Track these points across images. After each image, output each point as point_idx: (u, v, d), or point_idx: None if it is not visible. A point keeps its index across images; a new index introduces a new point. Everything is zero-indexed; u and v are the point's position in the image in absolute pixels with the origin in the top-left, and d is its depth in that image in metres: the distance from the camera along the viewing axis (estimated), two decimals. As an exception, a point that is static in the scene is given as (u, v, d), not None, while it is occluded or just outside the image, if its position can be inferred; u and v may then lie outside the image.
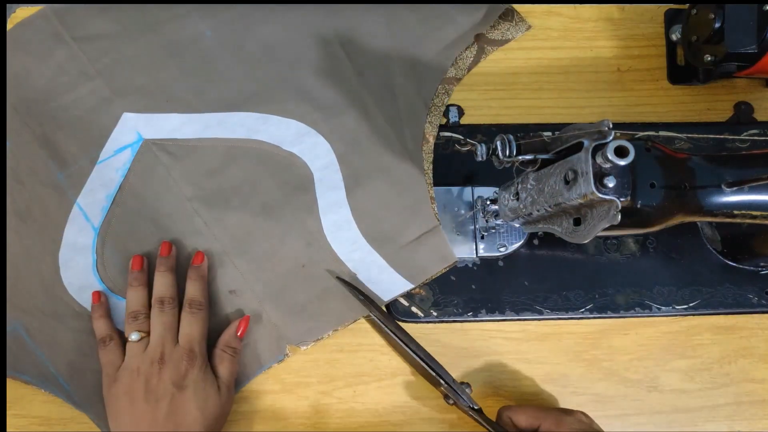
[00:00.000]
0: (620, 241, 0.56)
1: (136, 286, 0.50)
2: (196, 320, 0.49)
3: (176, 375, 0.47)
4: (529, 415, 0.48)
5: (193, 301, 0.50)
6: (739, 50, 0.50)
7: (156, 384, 0.46)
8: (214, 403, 0.48)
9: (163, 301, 0.49)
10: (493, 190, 0.55)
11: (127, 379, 0.47)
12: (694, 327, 0.55)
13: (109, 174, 0.53)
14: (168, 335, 0.48)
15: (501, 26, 0.59)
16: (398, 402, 0.53)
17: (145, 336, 0.48)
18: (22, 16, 0.57)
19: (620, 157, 0.36)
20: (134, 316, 0.49)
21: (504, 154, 0.42)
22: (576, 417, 0.47)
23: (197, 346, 0.48)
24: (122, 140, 0.54)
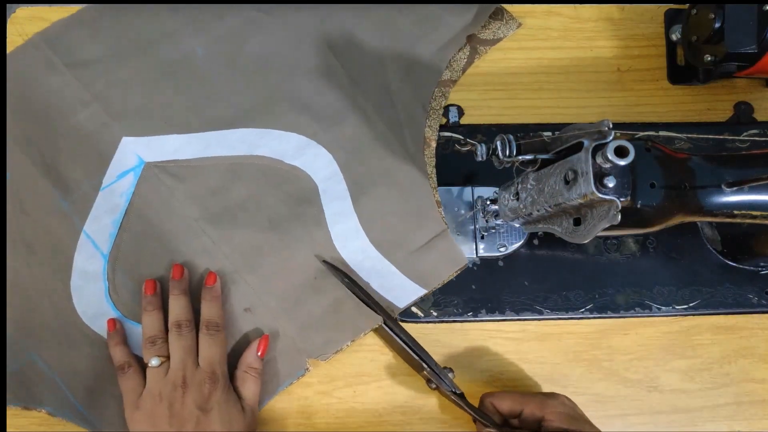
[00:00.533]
0: (620, 241, 0.56)
1: (150, 310, 0.50)
2: (214, 342, 0.49)
3: (200, 398, 0.46)
4: (512, 400, 0.48)
5: (210, 323, 0.49)
6: (739, 50, 0.50)
7: (180, 408, 0.46)
8: (239, 423, 0.47)
9: (180, 324, 0.49)
10: (493, 190, 0.55)
11: (149, 404, 0.46)
12: (694, 327, 0.55)
13: (114, 199, 0.53)
14: (188, 359, 0.48)
15: (492, 25, 0.59)
16: (398, 402, 0.53)
17: (165, 360, 0.48)
18: (22, 16, 0.57)
19: (620, 157, 0.36)
20: (152, 341, 0.48)
21: (504, 154, 0.42)
22: (559, 400, 0.47)
23: (218, 367, 0.48)
24: (124, 165, 0.53)
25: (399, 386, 0.53)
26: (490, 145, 0.43)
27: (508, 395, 0.49)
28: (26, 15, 0.58)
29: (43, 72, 0.54)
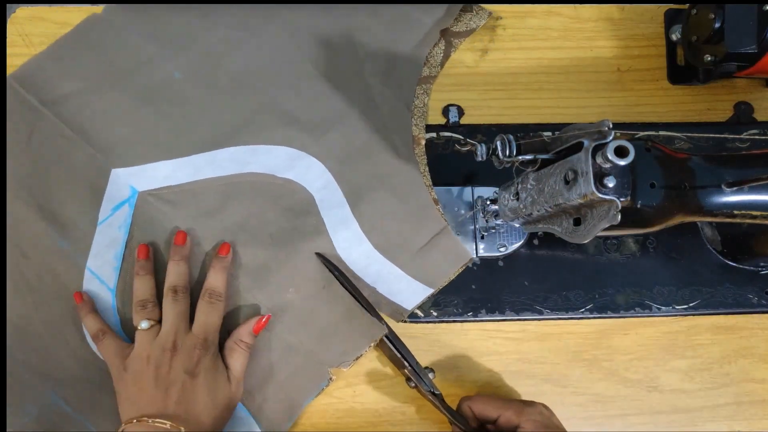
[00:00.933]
0: (620, 241, 0.56)
1: (142, 274, 0.50)
2: (213, 310, 0.49)
3: (188, 363, 0.46)
4: (490, 405, 0.48)
5: (213, 292, 0.49)
6: (739, 50, 0.50)
7: (167, 371, 0.46)
8: (225, 392, 0.47)
9: (176, 289, 0.49)
10: (493, 190, 0.55)
11: (137, 366, 0.47)
12: (694, 327, 0.55)
13: (113, 233, 0.52)
14: (181, 324, 0.48)
15: (464, 17, 0.59)
16: (398, 402, 0.53)
17: (155, 324, 0.48)
18: (22, 16, 0.57)
19: (620, 157, 0.36)
20: (143, 304, 0.49)
21: (504, 154, 0.42)
22: (537, 409, 0.47)
23: (211, 335, 0.48)
24: (118, 197, 0.53)
25: (399, 386, 0.53)
26: (490, 145, 0.44)
27: (486, 400, 0.49)
28: (26, 15, 0.58)
29: (20, 112, 0.53)
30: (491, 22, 0.60)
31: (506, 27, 0.60)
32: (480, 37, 0.59)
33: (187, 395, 0.45)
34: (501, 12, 0.60)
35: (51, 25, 0.58)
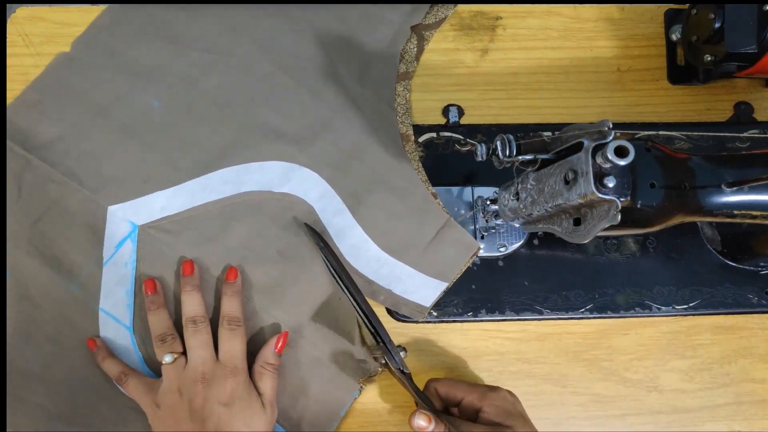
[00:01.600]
0: (620, 241, 0.56)
1: (154, 309, 0.49)
2: (235, 336, 0.48)
3: (221, 393, 0.46)
4: (455, 388, 0.49)
5: (231, 318, 0.49)
6: (739, 50, 0.50)
7: (201, 404, 0.45)
8: (260, 419, 0.47)
9: (195, 320, 0.48)
10: (493, 190, 0.55)
11: (169, 401, 0.46)
12: (694, 327, 0.55)
13: (120, 270, 0.52)
14: (207, 354, 0.47)
15: (432, 9, 0.59)
16: (398, 402, 0.53)
17: (179, 356, 0.47)
18: (22, 16, 0.57)
19: (620, 157, 0.36)
20: (162, 338, 0.48)
21: (504, 154, 0.42)
22: (500, 395, 0.48)
23: (239, 362, 0.47)
24: (119, 234, 0.52)
25: (399, 386, 0.53)
26: (490, 145, 0.43)
27: (453, 383, 0.49)
28: (26, 15, 0.58)
29: (8, 163, 0.53)
30: (491, 22, 0.60)
31: (506, 27, 0.60)
32: (480, 37, 0.59)
33: (223, 427, 0.45)
34: (501, 12, 0.60)
35: (51, 25, 0.58)
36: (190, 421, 0.45)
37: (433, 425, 0.45)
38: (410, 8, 0.58)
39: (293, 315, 0.52)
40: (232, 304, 0.49)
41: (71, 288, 0.52)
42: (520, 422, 0.46)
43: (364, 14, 0.58)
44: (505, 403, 0.47)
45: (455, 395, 0.48)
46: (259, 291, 0.52)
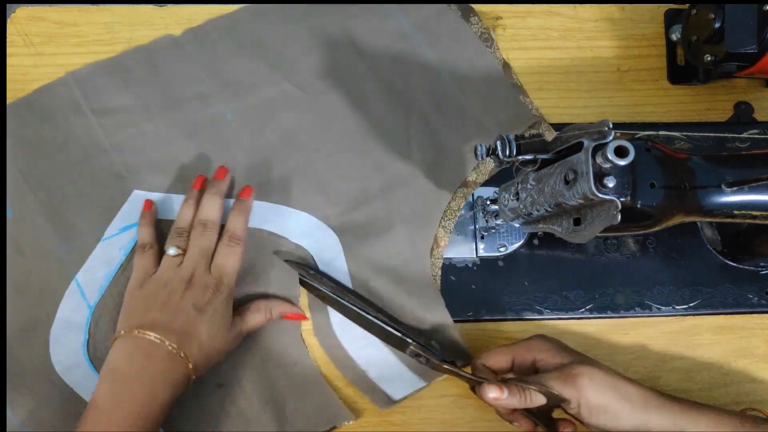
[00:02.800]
0: (620, 241, 0.56)
1: (191, 203, 0.51)
2: (232, 253, 0.49)
3: (199, 299, 0.47)
4: (500, 355, 0.48)
5: (233, 235, 0.50)
6: (739, 50, 0.50)
7: (177, 301, 0.47)
8: (223, 337, 0.48)
9: (206, 224, 0.49)
10: (493, 190, 0.55)
11: (152, 287, 0.48)
12: (694, 327, 0.55)
13: (112, 252, 0.52)
14: (201, 260, 0.49)
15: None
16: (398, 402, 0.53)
17: (182, 253, 0.49)
18: (22, 16, 0.57)
19: (620, 157, 0.36)
20: (179, 232, 0.50)
21: (504, 154, 0.42)
22: (540, 340, 0.48)
23: (227, 278, 0.49)
24: (129, 219, 0.53)
25: (399, 386, 0.53)
26: (490, 145, 0.43)
27: (494, 353, 0.49)
28: (26, 15, 0.58)
29: (67, 113, 0.54)
30: (491, 22, 0.60)
31: (506, 27, 0.60)
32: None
33: (188, 326, 0.46)
34: (501, 12, 0.60)
35: (51, 25, 0.58)
36: (159, 311, 0.46)
37: (506, 392, 0.44)
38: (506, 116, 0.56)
39: (252, 383, 0.51)
40: (238, 222, 0.51)
41: (60, 248, 0.52)
42: (573, 354, 0.47)
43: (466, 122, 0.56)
44: (552, 344, 0.48)
45: (502, 363, 0.48)
46: None
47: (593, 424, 0.44)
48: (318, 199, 0.54)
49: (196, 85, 0.56)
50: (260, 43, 0.57)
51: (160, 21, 0.58)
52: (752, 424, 0.45)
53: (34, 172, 0.53)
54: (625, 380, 0.45)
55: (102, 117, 0.54)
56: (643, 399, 0.44)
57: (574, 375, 0.44)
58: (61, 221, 0.52)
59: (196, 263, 0.48)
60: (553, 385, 0.44)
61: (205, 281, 0.48)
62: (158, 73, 0.56)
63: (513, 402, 0.44)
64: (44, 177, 0.53)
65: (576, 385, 0.44)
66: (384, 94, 0.57)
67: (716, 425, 0.44)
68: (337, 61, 0.57)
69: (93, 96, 0.55)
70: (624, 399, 0.44)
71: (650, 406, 0.44)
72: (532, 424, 0.48)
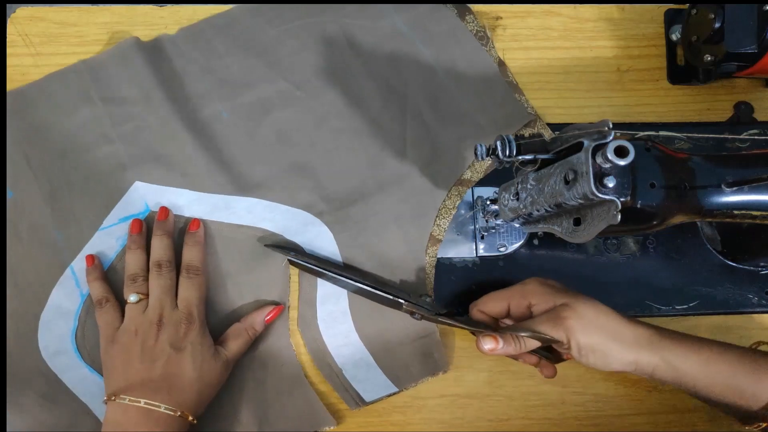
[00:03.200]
0: (620, 241, 0.56)
1: (134, 249, 0.51)
2: (193, 285, 0.50)
3: (174, 337, 0.47)
4: (495, 301, 0.49)
5: (190, 267, 0.50)
6: (739, 50, 0.50)
7: (153, 345, 0.47)
8: (211, 367, 0.48)
9: (160, 264, 0.49)
10: (493, 190, 0.55)
11: (125, 339, 0.47)
12: (694, 327, 0.55)
13: (109, 242, 0.53)
14: (166, 298, 0.48)
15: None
16: (399, 402, 0.53)
17: (144, 298, 0.49)
18: (22, 16, 0.57)
19: (620, 157, 0.36)
20: (133, 278, 0.49)
21: (504, 154, 0.42)
22: (534, 283, 0.49)
23: (195, 309, 0.49)
24: (129, 209, 0.53)
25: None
26: (490, 145, 0.43)
27: (490, 299, 0.50)
28: (26, 15, 0.58)
29: (76, 100, 0.54)
30: (491, 22, 0.60)
31: (506, 27, 0.60)
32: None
33: (172, 368, 0.46)
34: (501, 12, 0.60)
35: (51, 25, 0.58)
36: (140, 361, 0.46)
37: (501, 343, 0.45)
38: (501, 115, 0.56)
39: None
40: (193, 253, 0.51)
41: (57, 235, 0.52)
42: (567, 295, 0.47)
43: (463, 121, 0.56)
44: (545, 287, 0.48)
45: (500, 308, 0.49)
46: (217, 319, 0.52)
47: (584, 363, 0.45)
48: (313, 197, 0.54)
49: (194, 83, 0.56)
50: (256, 41, 0.57)
51: (160, 21, 0.58)
52: (752, 359, 0.45)
53: (39, 157, 0.53)
54: (619, 319, 0.45)
55: (110, 106, 0.55)
56: (634, 337, 0.45)
57: (562, 318, 0.45)
58: (60, 208, 0.53)
59: (162, 303, 0.48)
60: (544, 329, 0.45)
61: (176, 318, 0.48)
62: (157, 69, 0.56)
63: (509, 350, 0.46)
64: (48, 162, 0.53)
65: (565, 327, 0.44)
66: (380, 91, 0.57)
67: (707, 362, 0.45)
68: (333, 60, 0.57)
69: (103, 85, 0.55)
70: (613, 338, 0.44)
71: (641, 344, 0.45)
72: (535, 358, 0.50)
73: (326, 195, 0.55)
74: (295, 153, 0.55)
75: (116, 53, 0.56)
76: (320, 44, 0.57)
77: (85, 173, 0.53)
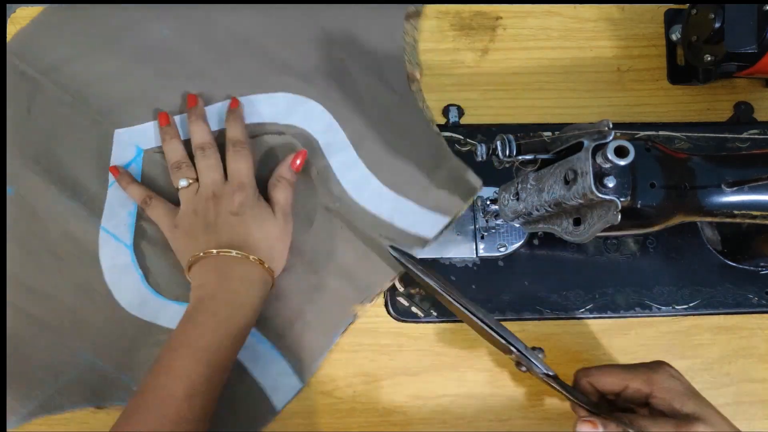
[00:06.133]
0: (620, 241, 0.56)
1: (169, 139, 0.52)
2: (241, 157, 0.51)
3: (230, 205, 0.49)
4: (612, 376, 0.45)
5: (236, 141, 0.51)
6: (739, 50, 0.50)
7: (214, 217, 0.48)
8: (272, 224, 0.50)
9: (203, 147, 0.51)
10: (493, 190, 0.55)
11: (186, 221, 0.49)
12: (694, 327, 0.55)
13: (123, 193, 0.53)
14: (216, 175, 0.50)
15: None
16: (398, 402, 0.53)
17: (193, 181, 0.50)
18: (22, 16, 0.57)
19: (620, 157, 0.36)
20: (177, 165, 0.51)
21: (504, 154, 0.42)
22: (667, 373, 0.45)
23: (246, 178, 0.50)
24: (124, 157, 0.54)
25: (400, 386, 0.53)
26: (490, 145, 0.44)
27: (607, 371, 0.46)
28: (26, 15, 0.58)
29: (18, 83, 0.54)
30: (491, 22, 0.60)
31: (506, 27, 0.60)
32: (480, 37, 0.59)
33: (237, 230, 0.48)
34: (501, 12, 0.60)
35: (51, 25, 0.57)
36: (205, 234, 0.48)
37: (601, 429, 0.42)
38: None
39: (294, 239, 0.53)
40: (236, 129, 0.52)
41: (75, 206, 0.53)
42: (697, 403, 0.43)
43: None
44: (676, 384, 0.44)
45: (613, 385, 0.45)
46: None
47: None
48: (286, 78, 0.55)
49: (122, 16, 0.56)
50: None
51: (160, 21, 0.58)
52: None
53: (18, 151, 0.53)
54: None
55: (51, 74, 0.54)
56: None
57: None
58: (63, 182, 0.53)
59: (213, 180, 0.50)
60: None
61: (229, 189, 0.49)
62: (83, 19, 0.55)
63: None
64: (28, 149, 0.53)
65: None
66: None
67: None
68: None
69: (33, 59, 0.55)
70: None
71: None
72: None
73: (299, 72, 0.55)
74: (253, 48, 0.56)
75: (35, 24, 0.55)
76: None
77: (67, 143, 0.54)
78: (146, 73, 0.55)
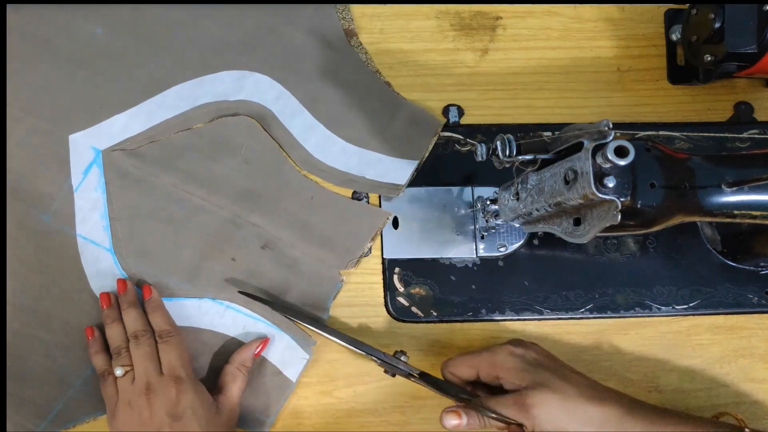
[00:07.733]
0: (620, 241, 0.56)
1: (110, 323, 0.50)
2: (170, 347, 0.49)
3: (168, 403, 0.46)
4: (466, 365, 0.48)
5: (162, 331, 0.50)
6: (739, 50, 0.50)
7: (149, 416, 0.46)
8: (216, 424, 0.47)
9: (136, 335, 0.49)
10: (493, 190, 0.55)
11: (122, 413, 0.47)
12: (694, 327, 0.55)
13: (91, 196, 0.53)
14: (150, 365, 0.48)
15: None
16: (398, 402, 0.53)
17: (130, 369, 0.48)
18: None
19: (620, 157, 0.36)
20: (117, 352, 0.49)
21: (504, 154, 0.42)
22: (505, 354, 0.47)
23: (181, 370, 0.48)
24: (83, 161, 0.54)
25: (399, 386, 0.53)
26: (490, 145, 0.44)
27: (460, 360, 0.48)
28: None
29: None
30: (491, 22, 0.60)
31: (506, 27, 0.60)
32: (480, 37, 0.60)
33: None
34: (501, 12, 0.60)
35: (51, 25, 0.58)
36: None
37: (465, 419, 0.45)
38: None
39: (267, 219, 0.54)
40: (158, 318, 0.51)
41: (45, 218, 0.53)
42: (535, 373, 0.45)
43: None
44: (515, 361, 0.46)
45: (466, 372, 0.48)
46: (230, 199, 0.54)
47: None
48: (226, 55, 0.56)
49: (51, 20, 0.55)
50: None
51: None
52: None
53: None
54: (587, 400, 0.44)
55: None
56: (602, 419, 0.44)
57: (528, 405, 0.44)
58: (29, 196, 0.53)
59: (146, 370, 0.48)
60: (510, 413, 0.44)
61: (163, 383, 0.47)
62: (12, 31, 0.55)
63: (473, 425, 0.45)
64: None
65: (529, 415, 0.43)
66: None
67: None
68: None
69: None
70: (580, 423, 0.44)
71: (610, 424, 0.44)
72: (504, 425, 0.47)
73: (237, 46, 0.56)
74: (185, 32, 0.56)
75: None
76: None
77: (24, 158, 0.53)
78: (87, 74, 0.55)
